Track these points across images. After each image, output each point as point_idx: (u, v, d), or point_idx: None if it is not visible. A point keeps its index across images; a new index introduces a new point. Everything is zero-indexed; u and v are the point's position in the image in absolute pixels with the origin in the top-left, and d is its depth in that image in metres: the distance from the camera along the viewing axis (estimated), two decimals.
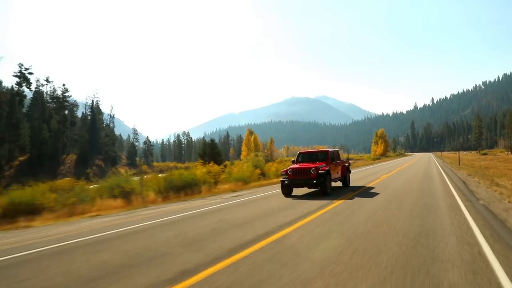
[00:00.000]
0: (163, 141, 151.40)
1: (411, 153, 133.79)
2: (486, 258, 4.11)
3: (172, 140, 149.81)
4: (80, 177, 47.54)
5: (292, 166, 12.07)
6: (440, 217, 6.70)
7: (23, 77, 48.83)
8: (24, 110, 54.48)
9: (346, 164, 14.58)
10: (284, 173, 11.85)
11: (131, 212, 10.60)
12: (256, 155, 29.71)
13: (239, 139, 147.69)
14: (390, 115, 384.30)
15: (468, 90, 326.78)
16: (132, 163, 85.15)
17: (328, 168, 11.59)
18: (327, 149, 13.39)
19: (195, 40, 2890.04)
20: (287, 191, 11.76)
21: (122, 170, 76.63)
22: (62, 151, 55.54)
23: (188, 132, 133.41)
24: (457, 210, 7.51)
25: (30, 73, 48.95)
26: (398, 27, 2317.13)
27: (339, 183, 14.33)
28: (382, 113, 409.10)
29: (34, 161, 49.84)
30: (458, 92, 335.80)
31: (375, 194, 11.04)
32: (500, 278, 3.46)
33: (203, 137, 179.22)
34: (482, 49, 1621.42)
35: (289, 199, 10.66)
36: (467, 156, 65.71)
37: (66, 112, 57.12)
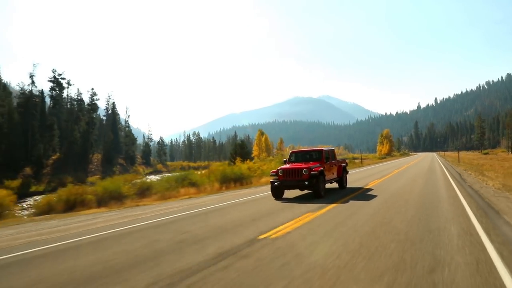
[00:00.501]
0: (171, 141, 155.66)
1: (414, 153, 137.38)
2: (460, 200, 8.62)
3: (181, 140, 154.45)
4: (107, 175, 52.23)
5: (283, 166, 11.38)
6: (440, 190, 11.00)
7: (56, 82, 53.27)
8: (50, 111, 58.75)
9: (343, 165, 13.69)
10: (274, 173, 11.22)
11: (214, 195, 14.60)
12: (282, 155, 33.84)
13: (247, 139, 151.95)
14: (394, 115, 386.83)
15: (471, 90, 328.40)
16: (147, 162, 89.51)
17: (321, 168, 10.92)
18: (321, 148, 12.54)
19: (198, 40, 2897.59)
20: (277, 193, 11.10)
21: (140, 169, 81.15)
22: (89, 151, 59.90)
23: (198, 133, 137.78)
24: (451, 187, 11.77)
25: (63, 78, 53.44)
26: (401, 27, 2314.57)
27: (335, 184, 13.60)
28: (386, 113, 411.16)
29: (66, 160, 54.25)
30: (462, 92, 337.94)
31: (372, 196, 10.38)
32: (464, 205, 7.78)
33: (211, 136, 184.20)
34: (485, 49, 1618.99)
35: (278, 202, 10.02)
36: (469, 155, 69.45)
37: (95, 115, 61.44)
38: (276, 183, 10.83)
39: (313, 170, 10.46)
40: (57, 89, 53.08)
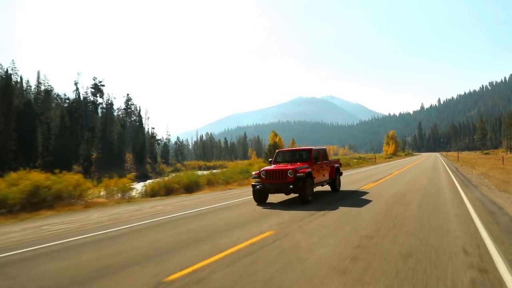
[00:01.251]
0: (183, 141, 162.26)
1: (418, 153, 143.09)
2: (453, 180, 14.89)
3: (191, 140, 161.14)
4: (141, 172, 58.56)
5: (266, 167, 10.58)
6: (440, 177, 17.21)
7: (97, 89, 59.76)
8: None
9: (336, 165, 12.79)
10: (256, 175, 10.40)
11: None
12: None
13: (257, 140, 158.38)
14: (397, 115, 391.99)
15: (474, 91, 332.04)
16: (166, 162, 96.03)
17: (309, 170, 10.08)
18: (310, 147, 11.67)
19: (200, 41, 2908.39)
20: (259, 197, 10.28)
21: (163, 167, 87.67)
22: (124, 151, 66.52)
23: (211, 133, 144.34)
24: (448, 174, 17.99)
25: (102, 85, 59.83)
26: (404, 27, 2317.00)
27: (327, 187, 12.68)
28: (389, 114, 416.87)
29: (105, 159, 60.79)
30: (465, 92, 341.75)
31: (367, 201, 9.64)
32: (455, 182, 14.05)
33: (216, 137, 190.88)
34: (488, 49, 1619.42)
35: (258, 209, 9.18)
36: (470, 155, 75.41)
37: (132, 119, 67.93)
38: (258, 187, 9.91)
39: (299, 172, 9.58)
40: (98, 95, 59.56)
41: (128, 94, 63.68)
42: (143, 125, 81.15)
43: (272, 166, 10.54)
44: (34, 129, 52.39)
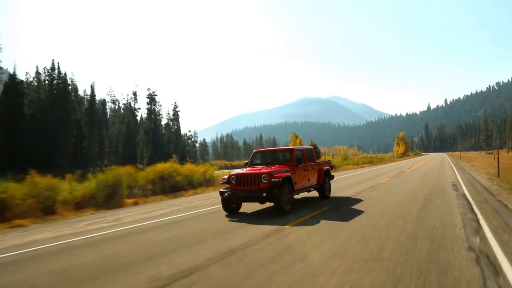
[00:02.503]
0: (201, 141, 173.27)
1: (426, 153, 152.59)
2: (453, 168, 25.73)
3: (208, 139, 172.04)
4: None
5: (238, 171, 9.03)
6: (446, 167, 27.92)
7: (150, 98, 70.70)
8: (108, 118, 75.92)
9: (325, 168, 11.06)
10: (225, 181, 8.80)
11: None
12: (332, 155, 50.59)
13: (272, 141, 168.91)
14: (404, 115, 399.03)
15: (481, 91, 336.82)
16: (194, 161, 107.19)
17: (287, 174, 8.38)
18: (292, 147, 9.89)
19: (204, 42, 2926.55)
20: (228, 207, 8.77)
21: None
22: (172, 151, 77.62)
23: (231, 135, 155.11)
24: (450, 166, 28.77)
25: (155, 95, 70.70)
26: (410, 27, 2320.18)
27: (315, 193, 11.02)
28: (396, 114, 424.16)
29: (157, 159, 71.86)
30: (471, 93, 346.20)
31: (359, 212, 7.97)
32: (454, 169, 24.84)
33: (223, 137, 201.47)
34: (495, 49, 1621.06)
35: (225, 221, 7.78)
36: (474, 155, 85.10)
37: (176, 124, 78.99)
38: (226, 194, 8.40)
39: (275, 177, 8.00)
40: (152, 103, 70.49)
41: (175, 102, 74.26)
42: (180, 128, 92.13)
43: (245, 170, 8.97)
44: (101, 133, 63.54)
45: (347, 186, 14.82)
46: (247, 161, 10.40)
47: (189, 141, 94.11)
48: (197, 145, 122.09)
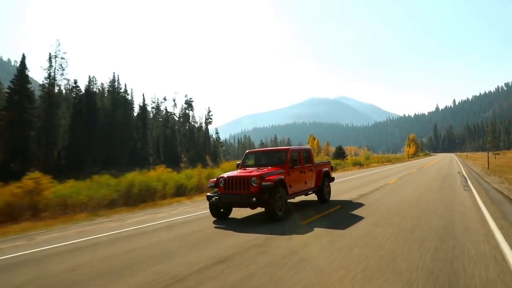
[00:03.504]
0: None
1: (435, 154, 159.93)
2: (459, 164, 34.42)
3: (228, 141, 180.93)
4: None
5: (227, 173, 8.42)
6: (454, 164, 36.52)
7: (188, 104, 79.77)
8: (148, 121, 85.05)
9: (324, 169, 10.35)
10: (212, 184, 8.25)
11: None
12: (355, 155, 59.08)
13: (287, 141, 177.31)
14: (412, 116, 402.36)
15: (490, 92, 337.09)
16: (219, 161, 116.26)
17: (280, 177, 7.88)
18: (287, 148, 9.24)
19: (211, 43, 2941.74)
20: (216, 212, 8.28)
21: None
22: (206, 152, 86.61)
23: (249, 136, 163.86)
24: (457, 163, 37.45)
25: (192, 101, 79.67)
26: (418, 28, 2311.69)
27: (314, 196, 10.36)
28: (404, 115, 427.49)
29: (193, 159, 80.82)
30: (480, 93, 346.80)
31: (358, 218, 7.49)
32: (460, 164, 33.44)
33: (232, 137, 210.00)
34: (504, 50, 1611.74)
35: (211, 227, 7.36)
36: (481, 155, 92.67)
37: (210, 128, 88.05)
38: (213, 199, 7.83)
39: (266, 180, 7.45)
40: (189, 109, 79.62)
41: (209, 107, 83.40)
42: (208, 131, 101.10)
43: (235, 172, 8.36)
44: (145, 137, 72.75)
45: (391, 174, 23.58)
46: (239, 162, 9.71)
47: (219, 142, 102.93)
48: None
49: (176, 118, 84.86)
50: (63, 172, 44.90)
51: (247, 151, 10.26)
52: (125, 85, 59.62)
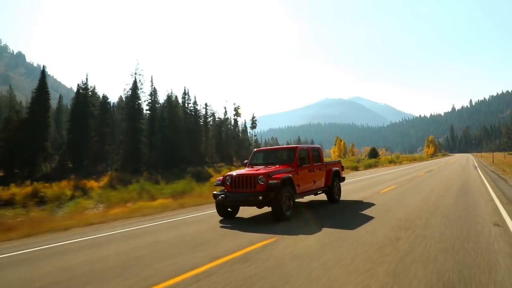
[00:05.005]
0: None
1: (452, 154, 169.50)
2: (474, 161, 47.64)
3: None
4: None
5: (234, 172, 8.60)
6: (470, 160, 49.43)
7: (236, 111, 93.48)
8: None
9: (334, 169, 10.42)
10: (219, 182, 8.42)
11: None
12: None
13: (307, 142, 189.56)
14: (428, 116, 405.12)
15: (507, 92, 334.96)
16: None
17: (287, 175, 7.93)
18: (295, 146, 9.50)
19: (225, 43, 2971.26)
20: (222, 211, 8.39)
21: None
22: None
23: (276, 138, 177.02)
24: (472, 160, 50.68)
25: (239, 108, 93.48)
26: (433, 28, 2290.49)
27: (323, 196, 10.48)
28: (420, 115, 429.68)
29: (227, 158, 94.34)
30: (497, 93, 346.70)
31: (369, 217, 7.63)
32: (474, 161, 46.66)
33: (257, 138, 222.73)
34: None
35: (217, 226, 7.57)
36: (497, 156, 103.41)
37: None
38: (220, 197, 7.99)
39: (273, 178, 7.53)
40: (237, 115, 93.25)
41: (253, 114, 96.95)
42: (246, 131, 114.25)
43: (243, 170, 8.62)
44: (207, 140, 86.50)
45: (428, 166, 36.70)
46: (246, 160, 9.76)
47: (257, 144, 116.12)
48: None
49: (219, 120, 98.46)
50: (162, 168, 59.02)
51: (255, 149, 10.30)
52: (195, 97, 73.23)
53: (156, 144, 60.58)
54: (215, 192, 8.37)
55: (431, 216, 7.64)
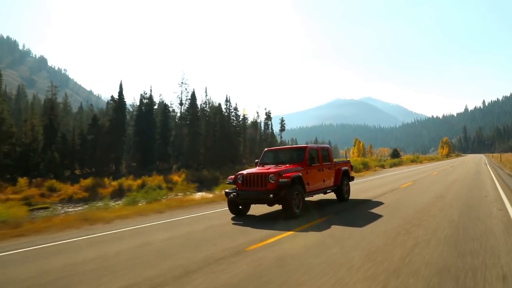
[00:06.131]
0: None
1: (465, 154, 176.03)
2: (485, 161, 56.97)
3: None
4: None
5: (245, 170, 9.01)
6: (482, 159, 58.88)
7: (267, 116, 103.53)
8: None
9: (343, 168, 10.84)
10: (231, 181, 8.86)
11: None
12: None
13: (328, 143, 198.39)
14: (440, 117, 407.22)
15: None
16: None
17: (297, 174, 8.30)
18: (305, 146, 9.80)
19: (237, 43, 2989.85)
20: (234, 209, 8.78)
21: None
22: None
23: (296, 139, 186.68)
24: (484, 159, 60.11)
25: (270, 113, 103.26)
26: (444, 28, 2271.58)
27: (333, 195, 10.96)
28: (432, 116, 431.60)
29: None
30: (511, 93, 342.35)
31: (378, 216, 7.95)
32: (486, 161, 56.17)
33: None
34: None
35: (229, 223, 7.97)
36: (505, 156, 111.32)
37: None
38: (232, 195, 8.40)
39: (283, 177, 7.91)
40: (268, 119, 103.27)
41: (282, 118, 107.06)
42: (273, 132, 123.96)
43: (254, 169, 9.00)
44: (245, 141, 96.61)
45: (448, 164, 46.31)
46: (257, 160, 10.15)
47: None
48: None
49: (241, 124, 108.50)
50: (216, 166, 69.17)
51: (265, 149, 10.72)
52: (236, 104, 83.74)
53: (209, 146, 70.97)
54: (227, 190, 8.74)
55: (464, 179, 18.30)
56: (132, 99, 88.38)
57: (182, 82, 75.26)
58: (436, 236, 5.90)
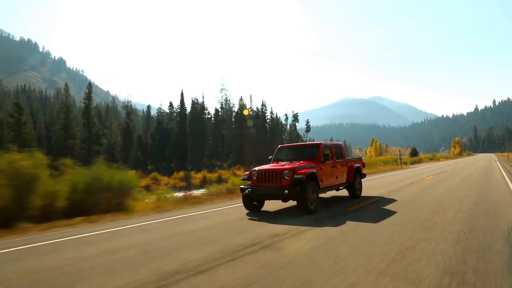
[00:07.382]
0: None
1: (476, 153, 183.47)
2: (495, 159, 67.42)
3: None
4: None
5: (260, 167, 9.08)
6: (492, 158, 69.68)
7: (295, 117, 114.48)
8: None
9: (356, 165, 11.11)
10: (246, 177, 9.14)
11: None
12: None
13: (344, 142, 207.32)
14: (450, 117, 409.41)
15: None
16: None
17: (312, 170, 8.55)
18: (318, 142, 9.97)
19: (246, 44, 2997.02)
20: (249, 204, 9.02)
21: None
22: None
23: (313, 139, 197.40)
24: (494, 157, 70.91)
25: (297, 114, 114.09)
26: (452, 28, 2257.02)
27: (345, 191, 11.30)
28: (442, 115, 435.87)
29: None
30: None
31: (389, 212, 8.11)
32: (495, 159, 66.79)
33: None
34: None
35: (244, 218, 8.16)
36: None
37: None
38: (247, 191, 8.65)
39: (298, 173, 8.13)
40: (295, 121, 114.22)
41: (307, 120, 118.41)
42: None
43: (268, 166, 9.13)
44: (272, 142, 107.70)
45: (462, 161, 57.12)
46: (271, 156, 10.33)
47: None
48: None
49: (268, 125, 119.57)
50: (254, 162, 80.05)
51: (279, 145, 10.90)
52: (271, 108, 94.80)
53: (254, 146, 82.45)
54: (242, 186, 9.00)
55: (482, 168, 29.83)
56: (154, 101, 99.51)
57: (222, 89, 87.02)
58: (470, 191, 11.99)
